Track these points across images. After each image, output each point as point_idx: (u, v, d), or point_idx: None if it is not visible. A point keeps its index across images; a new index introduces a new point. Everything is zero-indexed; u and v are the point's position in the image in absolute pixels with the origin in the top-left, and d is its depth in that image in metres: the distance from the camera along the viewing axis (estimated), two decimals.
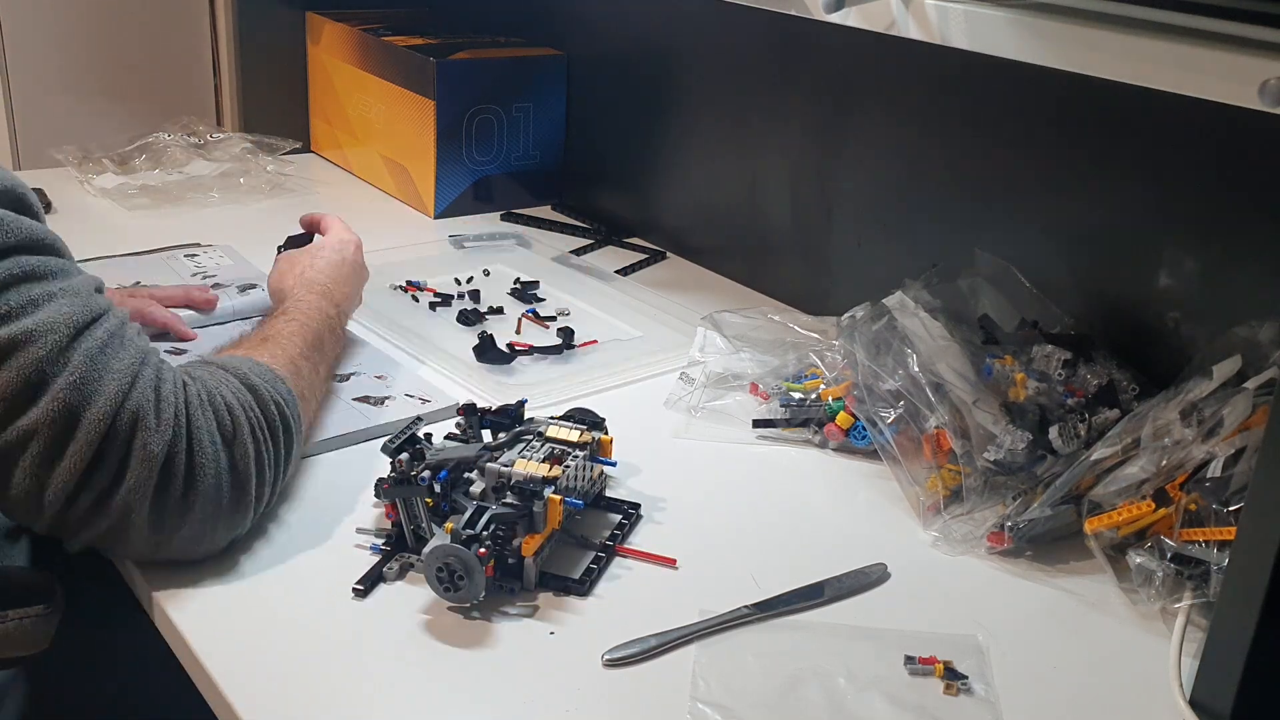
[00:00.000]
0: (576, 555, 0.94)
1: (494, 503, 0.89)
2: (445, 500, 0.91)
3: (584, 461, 0.96)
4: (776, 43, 1.42)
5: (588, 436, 0.98)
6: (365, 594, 0.88)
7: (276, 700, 0.78)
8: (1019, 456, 0.99)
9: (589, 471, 0.98)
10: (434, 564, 0.84)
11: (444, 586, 0.85)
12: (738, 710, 0.79)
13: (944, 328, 1.07)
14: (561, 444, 0.96)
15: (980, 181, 1.25)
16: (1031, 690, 0.83)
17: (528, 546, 0.88)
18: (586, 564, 0.93)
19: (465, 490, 0.92)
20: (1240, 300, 1.05)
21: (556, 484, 0.90)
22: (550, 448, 0.95)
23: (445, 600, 0.86)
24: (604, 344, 1.32)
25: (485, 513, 0.88)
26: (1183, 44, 0.72)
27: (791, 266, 1.47)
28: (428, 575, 0.85)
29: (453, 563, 0.84)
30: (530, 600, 0.88)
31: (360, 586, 0.88)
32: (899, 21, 0.87)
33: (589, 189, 1.76)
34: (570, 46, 1.73)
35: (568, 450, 0.96)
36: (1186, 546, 0.88)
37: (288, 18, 1.90)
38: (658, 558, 0.94)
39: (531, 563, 0.88)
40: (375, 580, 0.89)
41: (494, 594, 0.87)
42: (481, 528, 0.86)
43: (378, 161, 1.79)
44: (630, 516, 0.99)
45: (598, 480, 1.00)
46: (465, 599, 0.85)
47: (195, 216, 1.63)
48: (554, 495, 0.89)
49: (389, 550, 0.91)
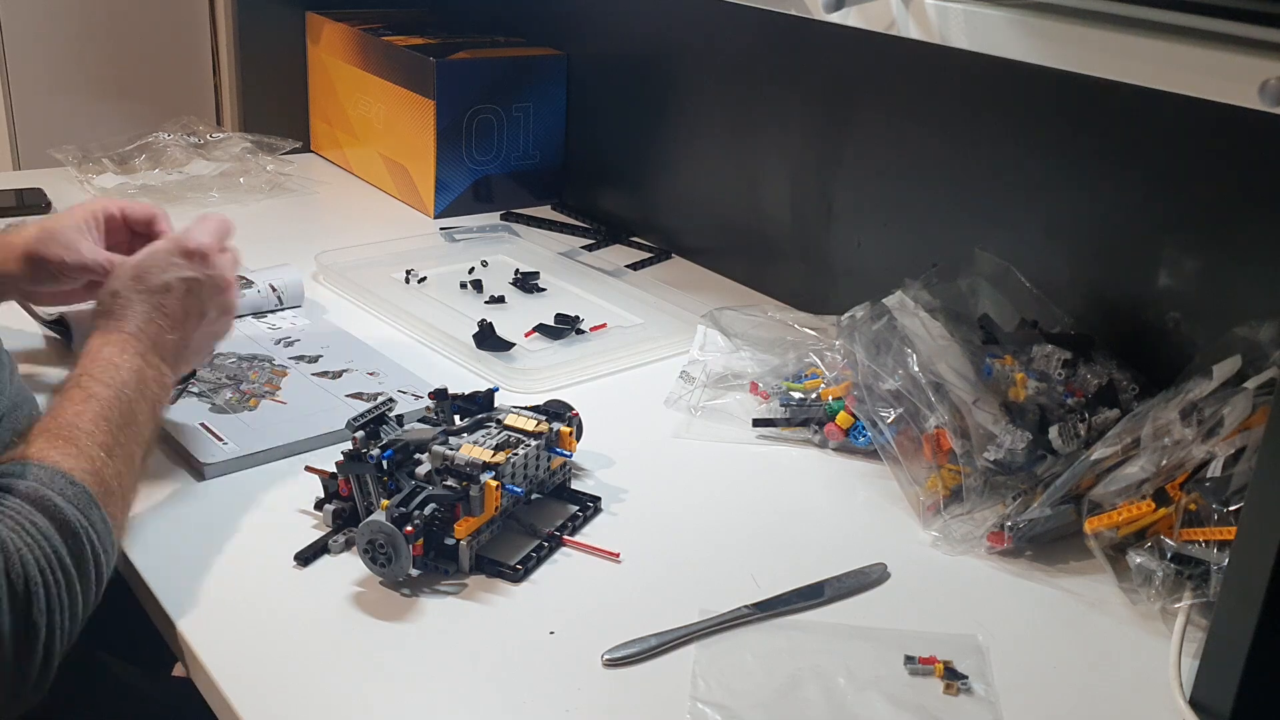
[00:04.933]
0: (521, 543, 0.95)
1: (436, 485, 0.91)
2: (392, 479, 0.93)
3: (536, 451, 0.97)
4: (776, 43, 1.42)
5: (544, 427, 0.98)
6: (306, 563, 0.91)
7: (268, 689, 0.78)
8: (1019, 456, 0.99)
9: (544, 461, 0.98)
10: (363, 539, 0.88)
11: (374, 561, 0.88)
12: (737, 710, 0.79)
13: (944, 328, 1.07)
14: (517, 432, 0.97)
15: (980, 181, 1.25)
16: (1031, 690, 0.83)
17: (461, 529, 0.89)
18: (527, 551, 0.94)
19: (411, 471, 0.94)
20: (1240, 300, 1.05)
21: (499, 470, 0.91)
22: (506, 435, 0.97)
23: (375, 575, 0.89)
24: (608, 330, 1.33)
25: (421, 493, 0.90)
26: (1183, 44, 0.71)
27: (791, 266, 1.47)
28: (359, 549, 0.88)
29: (380, 539, 0.87)
30: (460, 581, 0.90)
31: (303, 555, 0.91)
32: (899, 21, 0.87)
33: (589, 189, 1.76)
34: (570, 46, 1.73)
35: (522, 439, 0.97)
36: (1186, 546, 0.88)
37: (288, 18, 1.90)
38: (602, 551, 0.95)
39: (465, 545, 0.90)
40: (319, 551, 0.92)
41: (429, 573, 0.90)
42: (414, 507, 0.88)
43: (378, 161, 1.79)
44: (587, 509, 1.00)
45: (559, 471, 1.01)
46: (391, 576, 0.88)
47: (195, 216, 1.62)
48: (491, 481, 0.90)
49: (340, 524, 0.94)
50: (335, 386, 1.16)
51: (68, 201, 1.62)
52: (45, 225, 1.10)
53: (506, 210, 1.73)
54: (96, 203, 1.13)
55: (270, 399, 1.13)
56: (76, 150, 1.72)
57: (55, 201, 1.61)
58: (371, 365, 1.21)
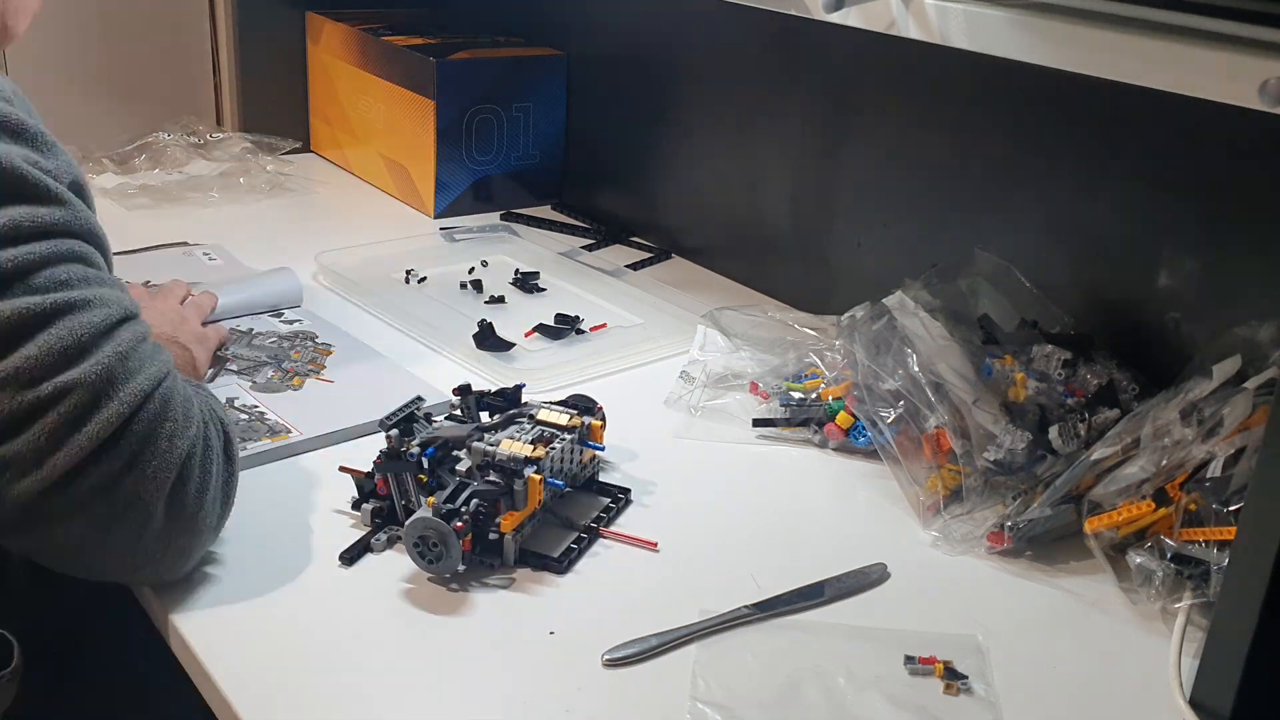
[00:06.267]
0: (561, 535, 0.95)
1: (478, 480, 0.91)
2: (433, 476, 0.93)
3: (571, 445, 0.97)
4: (776, 43, 1.42)
5: (577, 420, 0.99)
6: (351, 562, 0.91)
7: (269, 685, 0.78)
8: (1019, 456, 0.99)
9: (578, 455, 0.99)
10: (413, 536, 0.88)
11: (422, 558, 0.88)
12: (737, 710, 0.79)
13: (944, 328, 1.07)
14: (551, 427, 0.98)
15: (980, 181, 1.25)
16: (1031, 690, 0.83)
17: (507, 523, 0.90)
18: (568, 544, 0.94)
19: (452, 468, 0.94)
20: (1240, 300, 1.05)
21: (539, 464, 0.92)
22: (540, 430, 0.97)
23: (425, 571, 0.89)
24: (608, 330, 1.33)
25: (467, 489, 0.90)
26: (1183, 44, 0.71)
27: (791, 266, 1.47)
28: (407, 546, 0.88)
29: (430, 535, 0.87)
30: (508, 575, 0.90)
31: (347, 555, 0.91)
32: (899, 21, 0.87)
33: (589, 189, 1.76)
34: (570, 46, 1.73)
35: (556, 433, 0.97)
36: (1186, 546, 0.88)
37: (288, 18, 1.90)
38: (640, 540, 0.95)
39: (510, 539, 0.90)
40: (362, 550, 0.92)
41: (474, 568, 0.90)
42: (461, 503, 0.89)
43: (378, 161, 1.79)
44: (619, 501, 1.00)
45: (589, 465, 1.02)
46: (442, 571, 0.89)
47: (195, 216, 1.63)
48: (534, 475, 0.91)
49: (379, 523, 0.94)
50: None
51: None
52: None
53: (506, 210, 1.73)
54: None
55: (316, 378, 1.13)
56: (76, 150, 1.72)
57: None
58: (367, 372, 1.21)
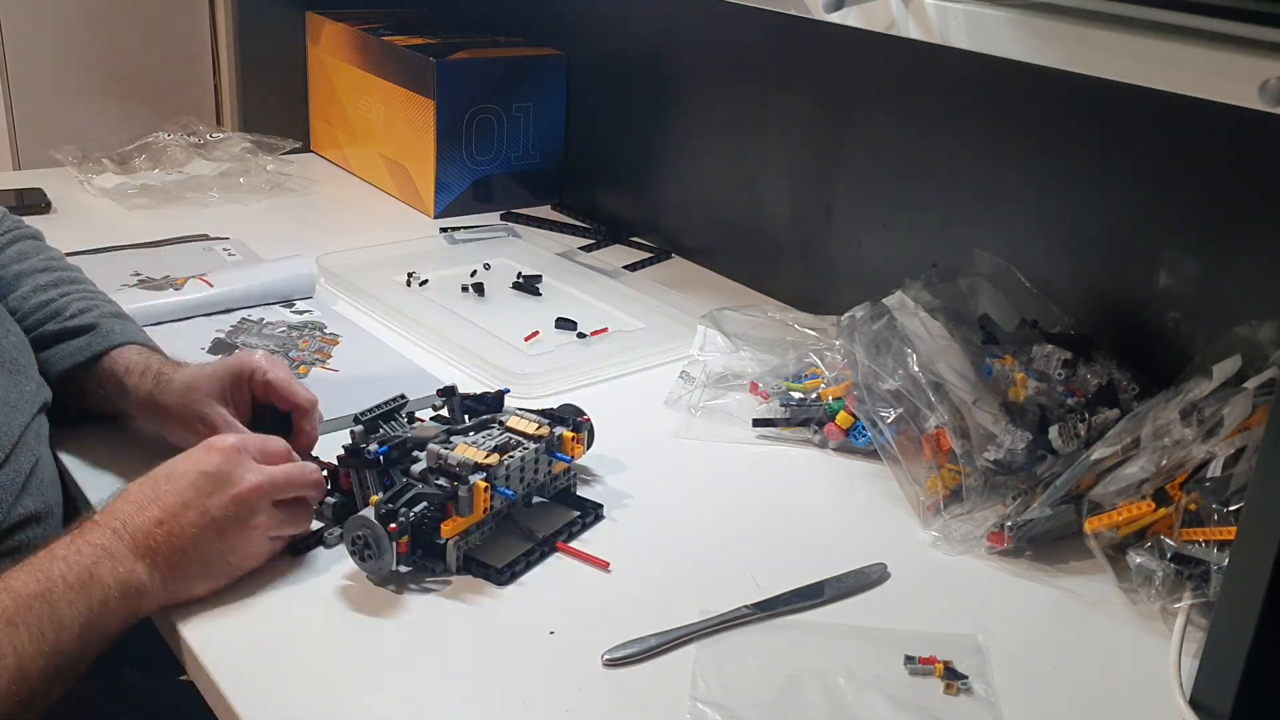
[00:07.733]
0: (515, 546, 0.94)
1: (430, 483, 0.91)
2: (388, 476, 0.93)
3: (536, 454, 0.96)
4: (776, 43, 1.42)
5: (544, 430, 0.98)
6: (297, 553, 0.91)
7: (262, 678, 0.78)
8: (1019, 456, 0.99)
9: (545, 465, 0.97)
10: (349, 534, 0.88)
11: (357, 556, 0.89)
12: (737, 710, 0.79)
13: (944, 328, 1.07)
14: (518, 435, 0.97)
15: (980, 181, 1.25)
16: (1031, 690, 0.83)
17: (448, 529, 0.89)
18: (517, 555, 0.93)
19: (407, 468, 0.94)
20: (1240, 300, 1.05)
21: (491, 472, 0.91)
22: (508, 437, 0.96)
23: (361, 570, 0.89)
24: (609, 334, 1.33)
25: (411, 490, 0.90)
26: (1183, 44, 0.71)
27: (791, 266, 1.47)
28: (345, 543, 0.89)
29: (365, 535, 0.87)
30: (444, 581, 0.90)
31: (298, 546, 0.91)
32: (899, 21, 0.87)
33: (589, 189, 1.76)
34: (570, 46, 1.73)
35: (521, 441, 0.96)
36: (1186, 546, 0.88)
37: (288, 18, 1.90)
38: (592, 559, 0.93)
39: (452, 545, 0.90)
40: (316, 542, 0.92)
41: (416, 571, 0.90)
42: (402, 504, 0.88)
43: (378, 161, 1.79)
44: (588, 515, 0.99)
45: (561, 475, 1.00)
46: (375, 571, 0.89)
47: (195, 216, 1.63)
48: (481, 482, 0.90)
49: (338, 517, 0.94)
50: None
51: (68, 201, 1.63)
52: (193, 384, 0.99)
53: (506, 210, 1.73)
54: (249, 360, 1.00)
55: (321, 367, 1.13)
56: (76, 150, 1.72)
57: (55, 202, 1.61)
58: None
